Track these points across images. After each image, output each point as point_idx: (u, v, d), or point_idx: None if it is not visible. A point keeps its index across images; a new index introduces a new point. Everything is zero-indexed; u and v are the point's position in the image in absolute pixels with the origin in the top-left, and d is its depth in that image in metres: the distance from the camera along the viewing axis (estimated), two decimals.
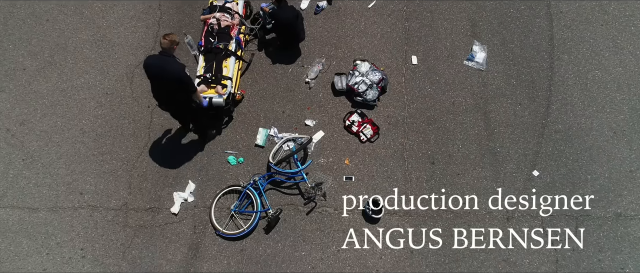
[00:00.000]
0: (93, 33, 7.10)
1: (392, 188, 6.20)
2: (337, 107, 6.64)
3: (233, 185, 6.16)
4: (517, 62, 6.78)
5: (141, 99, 6.70)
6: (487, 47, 6.82)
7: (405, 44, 6.93)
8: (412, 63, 6.81)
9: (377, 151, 6.39)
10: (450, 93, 6.65)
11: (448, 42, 6.92)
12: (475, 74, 6.73)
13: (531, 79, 6.69)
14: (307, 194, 6.04)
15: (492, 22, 7.01)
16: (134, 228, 6.10)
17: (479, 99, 6.61)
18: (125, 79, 6.84)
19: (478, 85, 6.68)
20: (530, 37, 6.90)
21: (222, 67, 6.15)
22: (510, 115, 6.51)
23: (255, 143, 6.45)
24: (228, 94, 6.09)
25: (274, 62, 6.88)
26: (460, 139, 6.42)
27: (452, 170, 6.28)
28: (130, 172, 6.35)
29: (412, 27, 7.01)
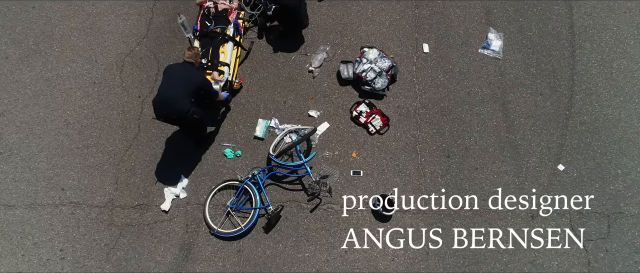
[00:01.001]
0: (82, 20, 6.64)
1: (405, 183, 5.66)
2: (343, 97, 6.14)
3: (230, 179, 5.61)
4: (536, 50, 6.32)
5: (131, 89, 6.20)
6: (503, 35, 6.36)
7: (416, 31, 6.48)
8: (424, 51, 6.34)
9: (388, 144, 5.87)
10: (465, 82, 6.17)
11: (461, 30, 6.46)
12: (492, 62, 6.26)
13: (552, 68, 6.21)
14: (311, 190, 5.50)
15: (507, 9, 6.57)
16: (120, 227, 5.52)
17: (496, 88, 6.12)
18: (114, 68, 6.34)
19: (495, 74, 6.19)
20: (549, 25, 6.45)
21: (219, 52, 5.67)
22: (530, 106, 6.01)
23: (254, 135, 5.93)
24: (225, 81, 5.60)
25: (275, 50, 6.41)
26: (478, 131, 5.90)
27: (469, 164, 5.74)
28: (117, 166, 5.80)
29: (423, 15, 6.57)
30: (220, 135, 5.96)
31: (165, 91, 4.95)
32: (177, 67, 5.09)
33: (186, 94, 4.91)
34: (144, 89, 6.19)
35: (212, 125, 5.97)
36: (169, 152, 5.87)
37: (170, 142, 5.92)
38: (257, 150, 5.87)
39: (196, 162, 5.82)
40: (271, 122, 5.97)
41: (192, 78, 4.99)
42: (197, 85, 5.01)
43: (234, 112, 6.08)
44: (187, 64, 5.07)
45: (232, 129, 5.99)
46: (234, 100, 6.13)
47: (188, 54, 5.08)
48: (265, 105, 6.10)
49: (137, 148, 5.90)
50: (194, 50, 5.12)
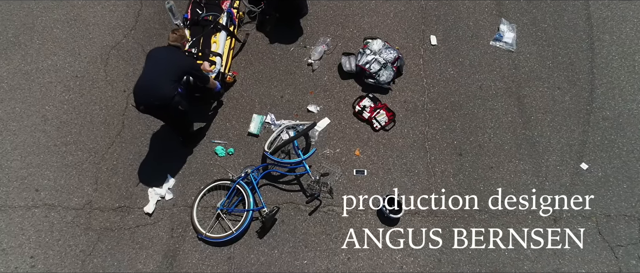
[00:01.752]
0: (66, 12, 6.22)
1: (413, 183, 5.14)
2: (345, 91, 5.67)
3: (220, 179, 5.09)
4: (551, 42, 5.89)
5: (116, 83, 5.73)
6: (516, 26, 5.94)
7: (423, 23, 6.05)
8: (431, 43, 5.91)
9: (394, 141, 5.37)
10: (476, 76, 5.71)
11: (471, 22, 6.04)
12: (505, 55, 5.82)
13: (570, 61, 5.77)
14: (309, 190, 4.98)
15: (519, 1, 6.16)
16: (98, 231, 4.98)
17: (510, 82, 5.66)
18: (99, 60, 5.89)
19: (508, 68, 5.74)
20: (564, 16, 6.04)
21: (211, 42, 5.22)
22: (548, 101, 5.55)
23: (248, 131, 5.43)
24: (217, 73, 5.12)
25: (271, 41, 5.97)
26: (492, 127, 5.42)
27: (483, 162, 5.24)
28: (97, 165, 5.29)
29: (430, 6, 6.15)
30: (211, 131, 5.47)
31: (147, 76, 4.45)
32: (162, 51, 4.60)
33: (171, 79, 4.42)
34: (130, 83, 5.68)
35: (203, 120, 5.49)
36: (155, 150, 5.37)
37: (156, 139, 5.42)
38: (251, 148, 5.37)
39: (184, 161, 5.31)
40: (267, 117, 5.49)
41: (178, 61, 4.50)
42: (184, 69, 4.52)
43: (226, 107, 5.60)
44: (173, 48, 4.58)
45: (224, 125, 5.50)
46: (226, 95, 5.66)
47: (173, 37, 4.59)
48: (260, 100, 5.63)
49: (120, 145, 5.39)
50: (179, 31, 4.63)
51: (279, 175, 5.20)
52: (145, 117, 5.42)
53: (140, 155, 5.34)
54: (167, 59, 4.48)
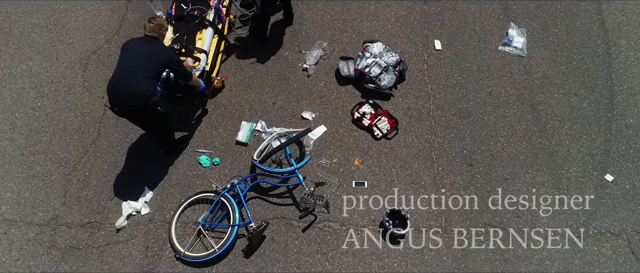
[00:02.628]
0: (46, 17, 5.84)
1: (420, 195, 4.59)
2: (343, 98, 5.21)
3: (204, 191, 4.54)
4: (564, 47, 5.48)
5: (95, 89, 5.28)
6: (526, 31, 5.55)
7: (426, 27, 5.67)
8: (435, 48, 5.50)
9: (397, 150, 4.86)
10: (485, 81, 5.27)
11: (477, 26, 5.66)
12: (515, 60, 5.40)
13: (585, 66, 5.34)
14: (303, 204, 4.44)
15: (528, 5, 5.81)
16: (63, 249, 4.39)
17: (522, 88, 5.21)
18: (77, 65, 5.45)
19: (520, 73, 5.31)
20: (576, 21, 5.66)
21: (196, 38, 4.79)
22: (564, 107, 5.08)
23: (236, 140, 4.93)
24: (202, 70, 4.66)
25: (264, 46, 5.55)
26: (504, 136, 4.92)
27: (497, 173, 4.71)
28: (67, 176, 4.75)
29: (433, 10, 5.79)
30: (195, 140, 4.96)
31: (121, 72, 3.98)
32: (137, 43, 4.12)
33: (148, 75, 3.94)
34: None
35: (186, 128, 5.00)
36: (133, 160, 4.85)
37: (135, 148, 4.91)
38: (239, 158, 4.85)
39: (165, 172, 4.78)
40: (257, 125, 4.99)
41: (156, 54, 4.02)
42: (162, 63, 4.03)
43: (213, 114, 5.12)
44: (150, 39, 4.10)
45: (209, 133, 5.00)
46: (214, 101, 5.19)
47: (149, 26, 4.07)
48: (250, 107, 5.15)
49: (95, 155, 4.87)
50: (156, 20, 4.08)
51: (269, 186, 4.66)
52: (123, 124, 4.95)
53: (116, 166, 4.81)
54: (144, 51, 4.00)
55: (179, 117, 4.98)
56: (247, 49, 5.53)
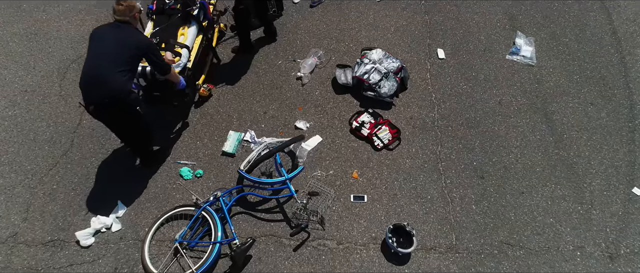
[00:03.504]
0: (27, 26, 5.55)
1: (426, 211, 4.08)
2: (340, 107, 4.80)
3: (183, 205, 4.03)
4: (576, 56, 5.14)
5: (72, 97, 4.88)
6: (534, 40, 5.23)
7: (428, 37, 5.35)
8: (439, 57, 5.16)
9: (400, 162, 4.39)
10: (493, 91, 4.88)
11: (482, 36, 5.35)
12: (524, 69, 5.04)
13: (600, 75, 4.97)
14: (295, 220, 3.93)
15: (534, 15, 5.52)
16: (19, 271, 3.82)
17: (534, 97, 4.82)
18: (55, 74, 5.09)
19: (530, 82, 4.93)
20: (586, 31, 5.36)
21: (178, 34, 4.38)
22: (581, 117, 4.66)
23: (222, 150, 4.47)
24: (183, 67, 4.24)
25: (256, 54, 5.21)
26: (517, 147, 4.47)
27: (512, 187, 4.22)
28: (33, 189, 4.26)
29: (435, 21, 5.50)
30: (177, 150, 4.51)
31: (93, 64, 3.55)
32: (106, 30, 3.61)
33: (123, 66, 3.50)
34: None
35: (167, 139, 4.56)
36: (107, 172, 4.37)
37: (110, 160, 4.45)
38: (225, 170, 4.38)
39: (142, 185, 4.29)
40: (246, 135, 4.55)
41: (129, 41, 3.56)
42: (136, 49, 3.55)
43: (198, 124, 4.69)
44: (120, 24, 3.61)
45: (193, 143, 4.55)
46: (199, 111, 4.78)
47: (119, 9, 3.55)
48: (239, 116, 4.74)
49: (65, 166, 4.40)
50: (126, 1, 3.58)
51: (256, 200, 4.16)
52: (100, 134, 4.52)
53: (88, 179, 4.33)
54: (115, 39, 3.54)
55: (160, 126, 4.56)
56: (237, 58, 5.19)
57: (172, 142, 4.55)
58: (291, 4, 5.71)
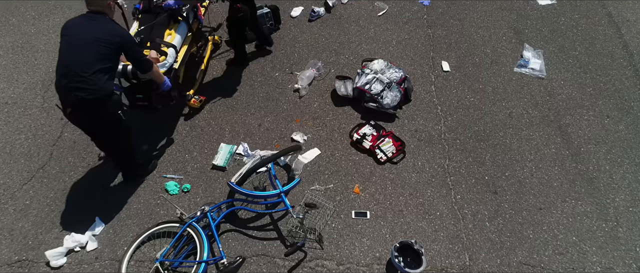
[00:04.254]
0: (14, 39, 5.35)
1: (436, 229, 3.70)
2: (340, 119, 4.50)
3: (166, 222, 3.65)
4: (587, 69, 4.89)
5: (54, 110, 4.59)
6: (542, 53, 5.00)
7: (431, 50, 5.13)
8: (443, 70, 4.91)
9: (404, 176, 4.05)
10: (503, 103, 4.60)
11: (488, 49, 5.12)
12: (534, 81, 4.78)
13: (614, 88, 4.71)
14: (291, 238, 3.57)
15: (541, 29, 5.33)
16: None
17: (546, 110, 4.53)
18: (39, 86, 4.83)
19: (541, 95, 4.66)
20: (596, 44, 5.14)
21: (165, 34, 4.09)
22: (598, 130, 4.35)
23: (212, 164, 4.13)
24: (169, 68, 3.91)
25: (251, 66, 4.97)
26: (532, 160, 4.14)
27: (528, 202, 3.85)
28: (3, 205, 3.89)
29: (438, 34, 5.29)
30: (164, 164, 4.17)
31: (68, 63, 3.22)
32: (80, 23, 3.25)
33: (101, 64, 3.19)
34: None
35: (153, 151, 4.23)
36: (86, 187, 4.02)
37: (90, 173, 4.12)
38: (214, 184, 4.02)
39: (123, 201, 3.92)
40: (238, 147, 4.23)
41: (105, 34, 3.19)
42: (114, 44, 3.22)
43: (187, 136, 4.37)
44: (94, 15, 3.26)
45: (181, 156, 4.22)
46: (189, 123, 4.48)
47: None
48: (232, 129, 4.43)
49: (41, 181, 4.04)
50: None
51: (248, 217, 3.78)
52: (81, 147, 4.21)
53: (65, 193, 3.97)
54: (89, 32, 3.19)
55: (145, 137, 4.24)
56: (232, 70, 4.95)
57: (158, 155, 4.22)
58: (289, 18, 5.52)
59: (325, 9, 5.57)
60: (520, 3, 5.65)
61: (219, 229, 3.67)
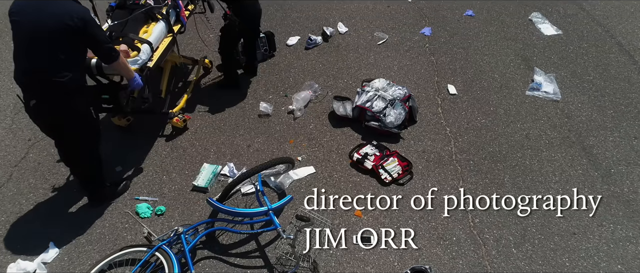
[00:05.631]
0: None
1: (454, 256, 3.11)
2: (338, 140, 4.05)
3: (132, 246, 3.06)
4: (605, 92, 4.55)
5: (22, 131, 4.17)
6: (555, 77, 4.68)
7: (435, 74, 4.82)
8: (450, 92, 4.56)
9: (412, 197, 3.51)
10: (518, 125, 4.18)
11: (496, 74, 4.81)
12: (549, 104, 4.40)
13: (637, 110, 4.33)
14: (280, 265, 2.99)
15: (549, 57, 5.06)
16: None
17: (565, 131, 4.10)
18: (10, 109, 4.45)
19: (558, 116, 4.26)
20: (610, 70, 4.85)
21: (140, 31, 3.63)
22: (626, 151, 3.90)
23: (192, 184, 3.62)
24: (142, 65, 3.43)
25: (241, 88, 4.62)
26: (557, 181, 3.64)
27: (558, 227, 3.31)
28: None
29: (442, 61, 5.02)
30: (137, 186, 3.65)
31: (26, 56, 2.78)
32: (32, 6, 2.72)
33: (62, 53, 2.75)
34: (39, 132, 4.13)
35: (125, 172, 3.73)
36: (45, 209, 3.48)
37: (52, 196, 3.59)
38: (193, 207, 3.48)
39: (85, 225, 3.36)
40: (224, 168, 3.73)
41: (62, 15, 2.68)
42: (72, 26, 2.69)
43: (167, 157, 3.90)
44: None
45: (158, 178, 3.71)
46: (171, 144, 4.02)
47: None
48: (217, 150, 3.96)
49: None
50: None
51: (230, 241, 3.20)
52: (46, 168, 3.76)
53: (19, 216, 3.42)
54: (44, 18, 2.68)
55: (119, 158, 3.77)
56: (221, 92, 4.59)
57: (132, 176, 3.71)
58: (284, 46, 5.28)
59: (322, 38, 5.34)
60: (525, 33, 5.45)
61: (194, 255, 3.08)
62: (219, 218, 3.25)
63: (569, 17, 5.73)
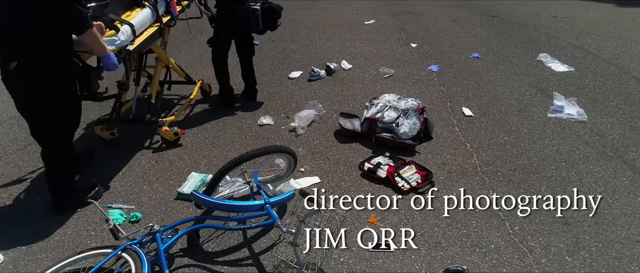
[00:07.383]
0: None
1: (493, 265, 2.51)
2: (346, 154, 3.60)
3: (94, 248, 2.44)
4: (633, 115, 4.21)
5: (7, 147, 3.71)
6: (577, 100, 4.37)
7: (448, 100, 4.51)
8: (465, 115, 4.20)
9: (437, 206, 2.97)
10: (545, 141, 3.76)
11: (513, 100, 4.51)
12: (575, 125, 4.03)
13: None
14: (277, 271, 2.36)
15: (567, 87, 4.81)
16: None
17: (600, 147, 3.68)
18: None
19: (588, 134, 3.87)
20: (634, 97, 4.58)
21: (122, 14, 3.26)
22: None
23: (177, 192, 3.09)
24: (121, 47, 3.02)
25: (239, 111, 4.27)
26: (603, 192, 3.13)
27: (616, 234, 2.74)
28: None
29: (453, 91, 4.75)
30: (112, 194, 3.11)
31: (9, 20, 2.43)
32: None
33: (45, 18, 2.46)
34: (17, 145, 3.71)
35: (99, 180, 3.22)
36: (6, 216, 2.90)
37: (10, 202, 3.03)
38: (175, 215, 2.91)
39: (43, 231, 2.77)
40: None
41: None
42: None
43: (151, 168, 3.40)
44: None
45: (138, 187, 3.19)
46: (156, 156, 3.55)
47: None
48: (208, 162, 3.49)
49: None
50: None
51: (216, 249, 2.59)
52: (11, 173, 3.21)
53: None
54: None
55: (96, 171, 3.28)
56: (217, 110, 4.23)
57: (106, 183, 3.19)
58: (286, 79, 5.04)
59: (326, 71, 5.13)
60: (536, 70, 5.27)
61: (171, 262, 2.47)
62: (199, 217, 2.68)
63: (578, 59, 5.60)
